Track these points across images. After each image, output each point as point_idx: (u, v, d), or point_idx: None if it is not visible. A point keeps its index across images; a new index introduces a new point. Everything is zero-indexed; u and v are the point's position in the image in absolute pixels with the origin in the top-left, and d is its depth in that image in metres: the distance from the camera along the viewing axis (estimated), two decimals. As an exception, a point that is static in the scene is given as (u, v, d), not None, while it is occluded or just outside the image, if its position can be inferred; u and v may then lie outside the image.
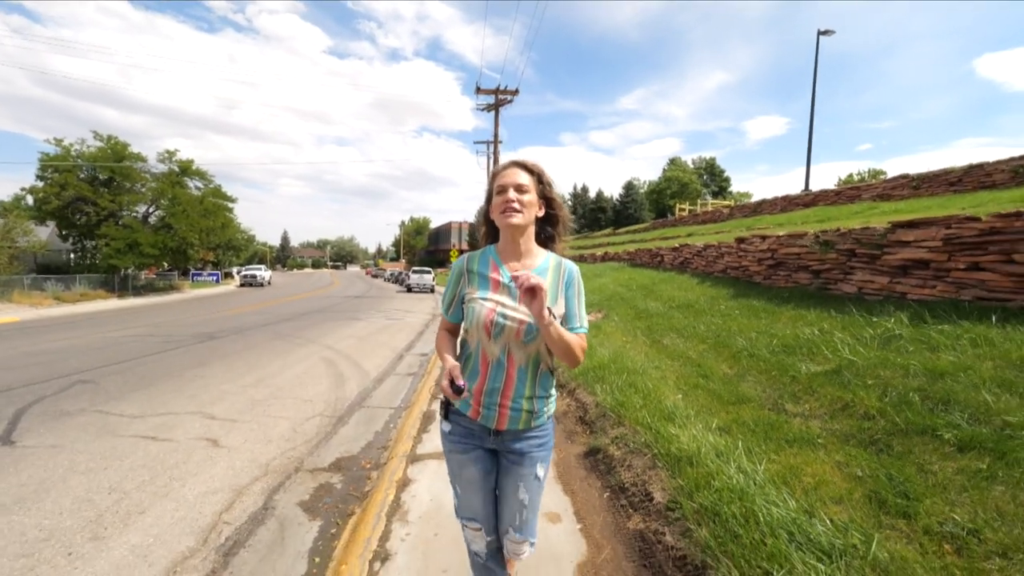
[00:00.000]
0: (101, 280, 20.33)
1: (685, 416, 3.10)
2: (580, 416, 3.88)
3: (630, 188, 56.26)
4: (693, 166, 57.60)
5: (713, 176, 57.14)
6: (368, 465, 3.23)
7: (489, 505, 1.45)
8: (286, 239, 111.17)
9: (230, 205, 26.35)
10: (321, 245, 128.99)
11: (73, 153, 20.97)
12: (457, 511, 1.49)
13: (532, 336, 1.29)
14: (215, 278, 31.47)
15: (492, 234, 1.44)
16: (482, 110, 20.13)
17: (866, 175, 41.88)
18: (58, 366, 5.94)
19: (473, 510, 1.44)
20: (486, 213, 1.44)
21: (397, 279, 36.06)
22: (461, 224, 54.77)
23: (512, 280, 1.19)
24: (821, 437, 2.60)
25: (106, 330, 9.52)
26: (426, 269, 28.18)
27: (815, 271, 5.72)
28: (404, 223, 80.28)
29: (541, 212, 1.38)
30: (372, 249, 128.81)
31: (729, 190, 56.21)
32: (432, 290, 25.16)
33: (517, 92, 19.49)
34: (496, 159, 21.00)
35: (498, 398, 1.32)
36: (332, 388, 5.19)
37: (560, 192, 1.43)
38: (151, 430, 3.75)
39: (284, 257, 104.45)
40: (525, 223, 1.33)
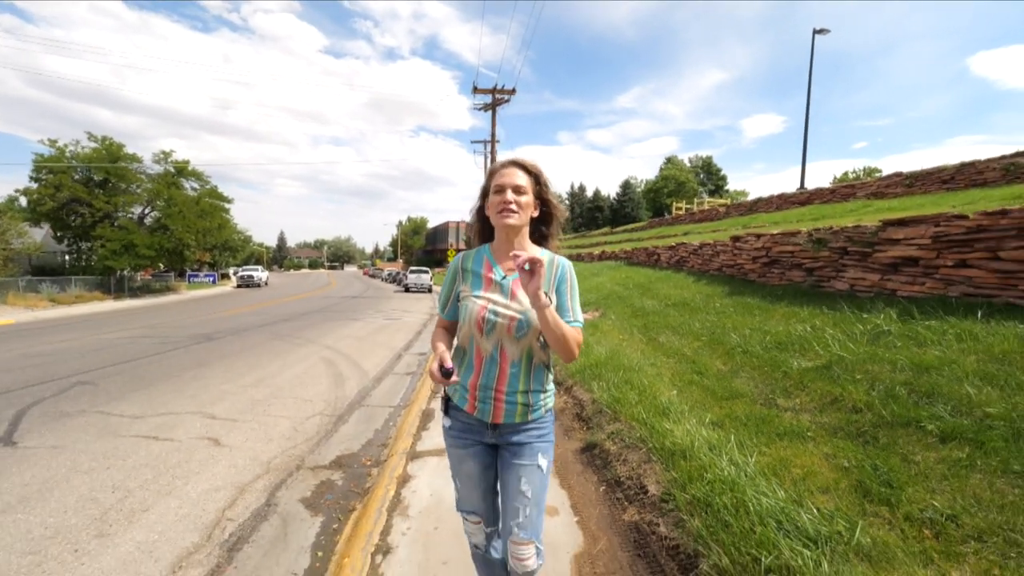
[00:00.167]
0: (97, 282, 20.26)
1: (679, 411, 3.16)
2: (577, 413, 3.94)
3: (627, 187, 56.45)
4: (690, 165, 57.80)
5: (710, 175, 57.36)
6: (368, 462, 3.28)
7: (488, 499, 1.48)
8: (283, 239, 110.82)
9: (226, 206, 26.30)
10: (318, 245, 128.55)
11: (68, 154, 20.88)
12: (458, 504, 1.51)
13: (524, 332, 1.32)
14: (212, 279, 31.36)
15: (486, 231, 1.46)
16: (479, 110, 20.11)
17: (861, 173, 42.17)
18: (56, 368, 5.96)
19: (473, 504, 1.47)
20: (480, 209, 1.44)
21: (394, 279, 36.06)
22: (459, 224, 54.70)
23: (513, 258, 1.20)
24: (811, 430, 2.67)
25: (103, 332, 9.51)
26: (423, 269, 28.20)
27: (808, 269, 5.80)
28: (401, 223, 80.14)
29: (536, 212, 1.39)
30: (369, 249, 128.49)
31: (726, 188, 56.45)
32: (430, 290, 25.18)
33: (514, 91, 19.46)
34: (493, 159, 21.02)
35: (493, 392, 1.33)
36: (332, 387, 5.23)
37: (556, 191, 1.45)
38: (152, 430, 3.78)
39: (281, 258, 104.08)
40: (521, 224, 1.35)
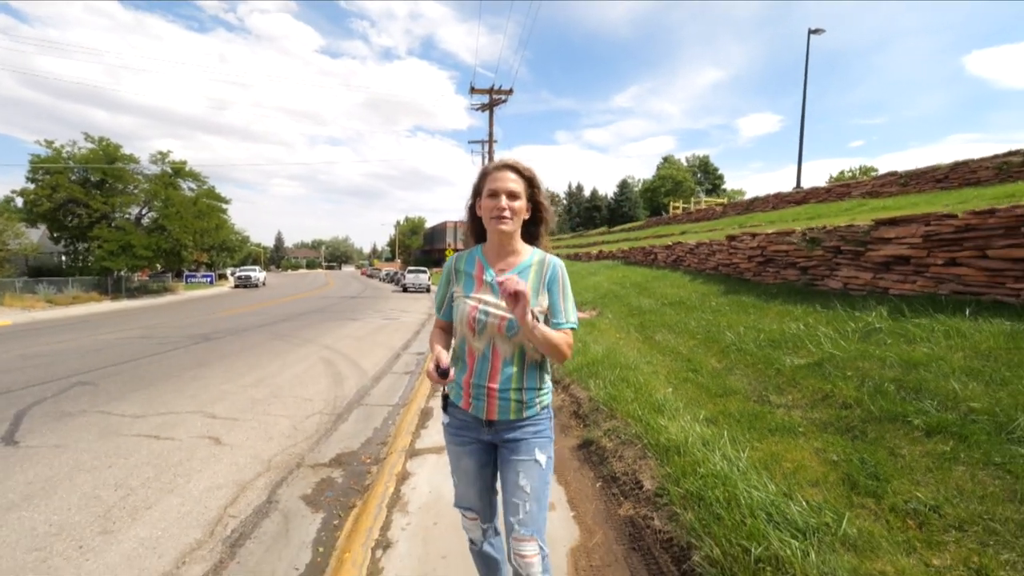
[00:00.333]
0: (94, 282, 20.22)
1: (674, 408, 3.22)
2: (574, 411, 3.99)
3: (624, 186, 56.54)
4: (687, 164, 57.95)
5: (707, 174, 57.54)
6: (368, 460, 3.32)
7: (485, 496, 1.51)
8: (280, 240, 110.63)
9: (224, 206, 26.27)
10: (316, 245, 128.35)
11: (64, 155, 20.83)
12: (456, 500, 1.55)
13: (515, 331, 1.34)
14: (209, 280, 31.30)
15: (479, 229, 1.48)
16: (476, 110, 20.12)
17: (857, 172, 42.39)
18: (56, 368, 5.98)
19: (469, 500, 1.50)
20: (472, 207, 1.45)
21: (393, 279, 36.08)
22: (456, 224, 54.62)
23: (497, 284, 1.25)
24: (802, 426, 2.72)
25: (101, 332, 9.52)
26: (422, 269, 28.21)
27: (803, 268, 5.86)
28: (399, 223, 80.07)
29: (527, 215, 1.43)
30: (367, 249, 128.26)
31: (723, 187, 56.65)
32: (428, 290, 25.20)
33: (511, 91, 19.48)
34: (491, 159, 20.98)
35: (485, 389, 1.36)
36: (331, 387, 5.27)
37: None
38: (153, 429, 3.82)
39: (278, 258, 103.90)
40: (514, 230, 1.39)
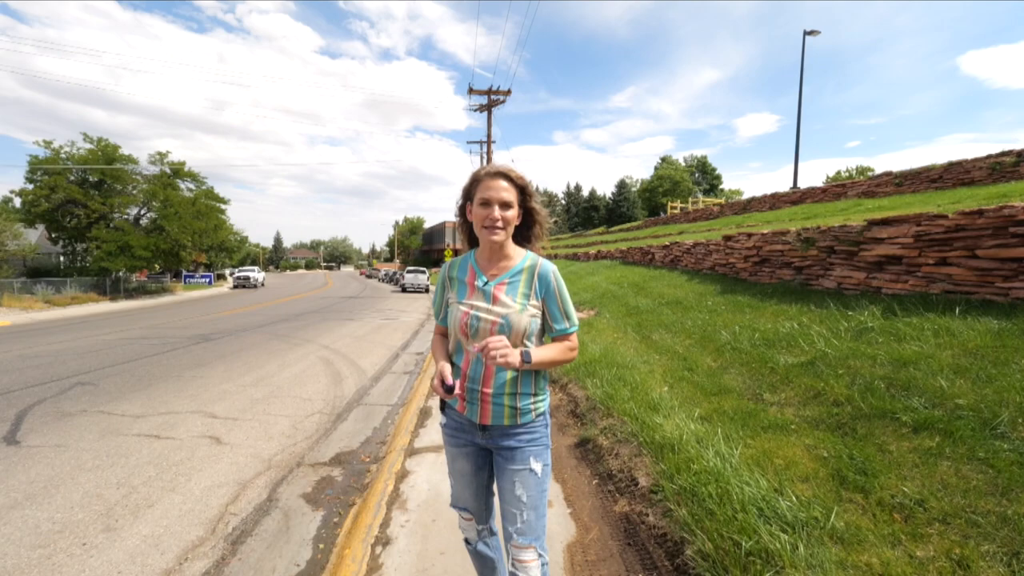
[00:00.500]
0: (92, 283, 20.21)
1: (670, 407, 3.27)
2: (571, 409, 4.03)
3: (623, 187, 56.65)
4: (685, 164, 58.10)
5: (705, 174, 57.70)
6: (367, 459, 3.36)
7: (481, 498, 1.53)
8: (279, 240, 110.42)
9: (223, 207, 26.26)
10: (314, 246, 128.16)
11: (63, 156, 20.83)
12: (452, 500, 1.58)
13: (506, 335, 1.35)
14: (208, 280, 31.29)
15: (472, 236, 1.50)
16: (475, 110, 20.18)
17: (854, 172, 42.53)
18: (56, 368, 6.00)
19: (465, 501, 1.53)
20: (463, 208, 1.45)
21: (391, 279, 36.12)
22: (455, 224, 54.62)
23: (480, 355, 1.29)
24: (794, 423, 2.77)
25: (100, 333, 9.53)
26: (421, 269, 28.24)
27: (798, 267, 5.92)
28: (398, 223, 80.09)
29: (518, 221, 1.43)
30: (366, 249, 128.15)
31: (720, 187, 56.80)
32: (427, 290, 25.23)
33: (509, 92, 19.55)
34: (489, 159, 21.10)
35: (479, 392, 1.37)
36: (330, 386, 5.30)
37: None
38: (154, 429, 3.85)
39: (277, 258, 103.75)
40: (507, 239, 1.41)
